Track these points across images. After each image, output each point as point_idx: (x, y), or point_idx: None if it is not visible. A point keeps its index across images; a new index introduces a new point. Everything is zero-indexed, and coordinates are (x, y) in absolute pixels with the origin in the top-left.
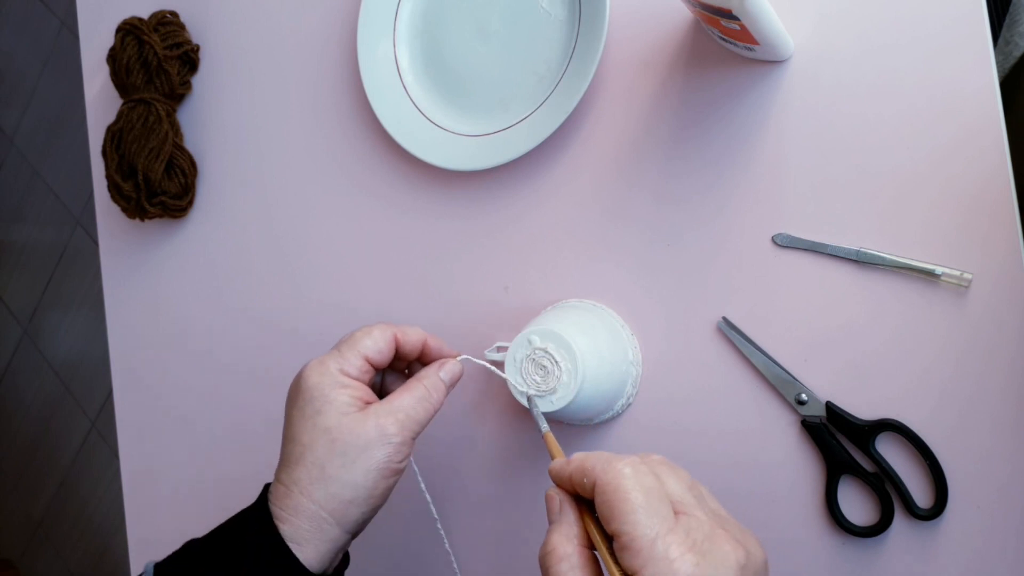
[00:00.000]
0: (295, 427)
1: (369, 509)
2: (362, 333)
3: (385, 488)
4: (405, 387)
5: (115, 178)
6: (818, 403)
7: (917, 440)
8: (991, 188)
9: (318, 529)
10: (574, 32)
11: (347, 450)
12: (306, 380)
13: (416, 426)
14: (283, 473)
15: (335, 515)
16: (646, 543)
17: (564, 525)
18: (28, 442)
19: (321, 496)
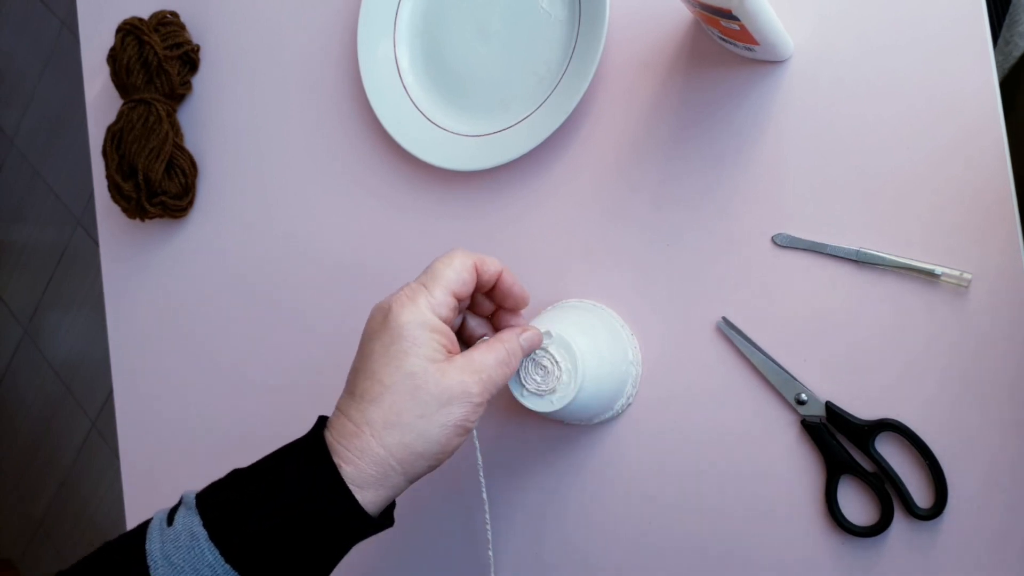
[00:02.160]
0: (376, 363)
1: (435, 463)
2: (443, 264)
3: (455, 446)
4: (488, 346)
5: (115, 178)
6: (818, 403)
7: (917, 440)
8: (991, 188)
9: (384, 476)
10: (574, 32)
11: (429, 401)
12: (396, 317)
13: (495, 388)
14: (353, 409)
15: (403, 464)
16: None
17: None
18: (28, 442)
19: (394, 443)
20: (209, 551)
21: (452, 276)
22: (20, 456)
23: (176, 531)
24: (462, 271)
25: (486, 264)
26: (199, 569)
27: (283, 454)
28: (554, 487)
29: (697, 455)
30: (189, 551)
